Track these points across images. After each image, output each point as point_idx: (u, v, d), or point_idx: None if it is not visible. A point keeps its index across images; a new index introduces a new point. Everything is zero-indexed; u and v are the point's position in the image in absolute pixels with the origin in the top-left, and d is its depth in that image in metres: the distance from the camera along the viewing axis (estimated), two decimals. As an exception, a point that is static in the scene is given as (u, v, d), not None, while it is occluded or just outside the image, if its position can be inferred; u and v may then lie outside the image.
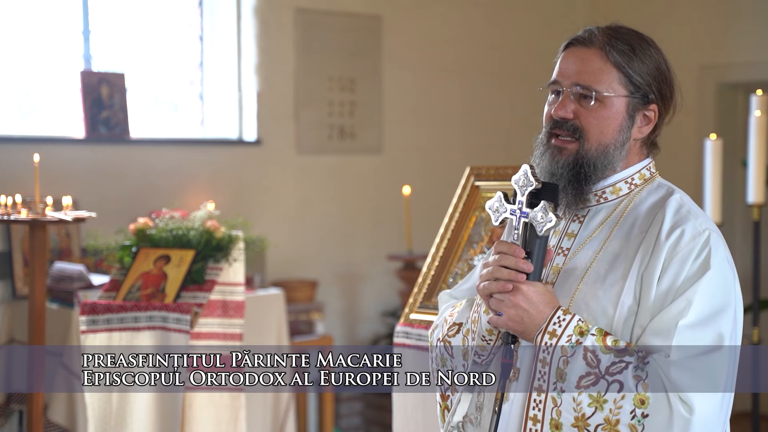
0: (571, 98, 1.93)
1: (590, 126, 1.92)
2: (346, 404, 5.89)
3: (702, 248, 1.85)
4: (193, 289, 3.66)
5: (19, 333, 4.42)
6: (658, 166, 2.11)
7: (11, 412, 4.44)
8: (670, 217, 1.90)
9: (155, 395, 3.55)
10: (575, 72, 1.93)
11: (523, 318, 1.86)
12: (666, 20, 6.77)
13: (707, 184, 4.46)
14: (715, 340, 1.80)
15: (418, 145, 6.29)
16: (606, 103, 1.92)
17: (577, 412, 1.80)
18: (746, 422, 6.19)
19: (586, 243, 1.95)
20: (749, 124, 4.33)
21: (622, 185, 1.98)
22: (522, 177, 1.89)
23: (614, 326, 1.85)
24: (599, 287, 1.88)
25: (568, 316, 1.85)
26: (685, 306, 1.81)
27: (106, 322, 3.54)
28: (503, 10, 6.63)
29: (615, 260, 1.90)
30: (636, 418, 1.77)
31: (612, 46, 1.93)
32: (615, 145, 1.94)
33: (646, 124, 1.99)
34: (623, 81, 1.93)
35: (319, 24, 5.82)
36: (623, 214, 1.95)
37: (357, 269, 6.09)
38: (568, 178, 1.92)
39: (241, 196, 5.57)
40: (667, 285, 1.83)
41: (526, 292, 1.86)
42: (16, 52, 4.99)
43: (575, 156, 1.92)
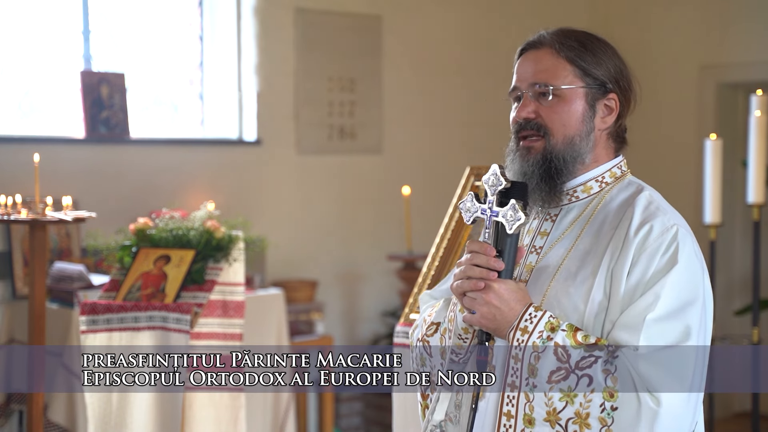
0: (531, 99, 1.99)
1: (553, 121, 1.97)
2: (346, 404, 5.89)
3: (670, 243, 1.88)
4: (193, 289, 3.66)
5: (19, 333, 4.42)
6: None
7: (11, 412, 4.44)
8: (639, 214, 1.93)
9: (155, 395, 3.55)
10: (531, 73, 2.00)
11: (496, 315, 1.90)
12: (666, 20, 6.77)
13: (707, 184, 4.46)
14: (683, 333, 1.84)
15: (418, 145, 6.30)
16: (564, 97, 1.97)
17: (548, 406, 1.84)
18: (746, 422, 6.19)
19: (558, 241, 1.99)
20: (749, 124, 4.34)
21: (593, 184, 2.01)
22: (492, 177, 1.94)
23: (585, 322, 1.89)
24: (570, 284, 1.92)
25: (539, 312, 1.89)
26: (653, 300, 1.84)
27: (106, 322, 3.54)
28: (503, 11, 6.63)
29: (586, 257, 1.93)
30: (606, 411, 1.80)
31: (562, 43, 1.98)
32: (580, 135, 1.98)
33: (609, 114, 2.02)
34: (578, 73, 1.98)
35: (319, 24, 5.82)
36: (594, 212, 1.99)
37: (357, 269, 6.09)
38: (540, 174, 1.96)
39: (241, 196, 5.57)
40: (635, 280, 1.87)
41: (497, 289, 1.89)
42: (16, 52, 4.99)
43: (543, 152, 1.97)
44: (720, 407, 6.34)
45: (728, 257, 6.55)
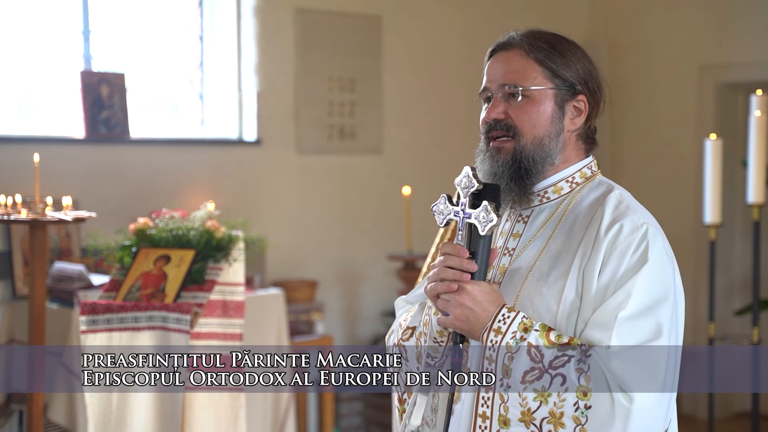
0: (500, 99, 2.00)
1: (522, 122, 1.98)
2: (346, 404, 5.89)
3: (640, 242, 1.90)
4: (193, 289, 3.66)
5: (19, 333, 4.42)
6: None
7: (11, 412, 4.44)
8: (609, 213, 1.94)
9: (155, 395, 3.55)
10: (501, 74, 2.01)
11: (469, 317, 1.91)
12: (666, 20, 6.77)
13: (707, 184, 4.46)
14: (654, 331, 1.85)
15: (418, 145, 6.30)
16: (533, 98, 1.98)
17: (523, 406, 1.85)
18: (746, 422, 6.19)
19: (530, 242, 2.00)
20: (749, 124, 4.33)
21: (563, 184, 2.03)
22: (464, 179, 1.95)
23: (558, 321, 1.90)
24: (543, 284, 1.93)
25: (512, 313, 1.90)
26: (624, 298, 1.85)
27: (106, 322, 3.54)
28: (503, 11, 6.63)
29: (557, 258, 1.95)
30: (579, 410, 1.82)
31: (531, 45, 2.00)
32: (549, 136, 1.99)
33: (578, 116, 2.03)
34: (547, 74, 1.99)
35: (319, 24, 5.82)
36: (565, 213, 2.01)
37: (357, 269, 6.09)
38: (510, 175, 1.98)
39: (241, 196, 5.57)
40: (607, 279, 1.88)
41: (471, 291, 1.91)
42: (16, 52, 4.99)
43: (513, 153, 1.98)
44: (720, 407, 6.34)
45: (728, 257, 6.55)
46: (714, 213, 4.43)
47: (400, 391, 2.12)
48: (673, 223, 6.72)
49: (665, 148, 6.67)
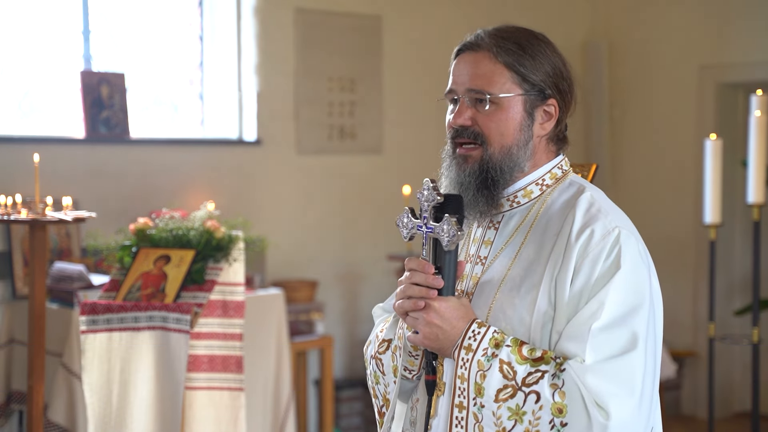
0: (467, 105, 1.91)
1: (490, 130, 1.90)
2: (346, 404, 5.89)
3: (612, 247, 1.82)
4: (193, 289, 3.66)
5: (19, 333, 4.42)
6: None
7: (11, 412, 4.44)
8: (580, 217, 1.86)
9: (155, 395, 3.55)
10: (468, 78, 1.91)
11: (438, 335, 1.84)
12: (666, 20, 6.77)
13: (707, 184, 4.46)
14: (630, 341, 1.77)
15: (418, 145, 6.29)
16: (502, 105, 1.90)
17: (498, 426, 1.78)
18: (746, 422, 6.19)
19: (501, 250, 1.93)
20: (749, 124, 4.33)
21: (533, 188, 1.95)
22: (425, 191, 1.89)
23: (532, 334, 1.83)
24: (515, 295, 1.86)
25: (483, 328, 1.83)
26: (597, 308, 1.78)
27: (106, 322, 3.54)
28: (503, 11, 6.63)
29: (530, 266, 1.87)
30: (555, 428, 1.74)
31: (500, 47, 1.90)
32: (518, 145, 1.91)
33: (548, 120, 1.94)
34: (516, 80, 1.90)
35: (319, 24, 5.82)
36: (536, 217, 1.93)
37: (357, 269, 6.09)
38: (476, 185, 1.90)
39: (241, 196, 5.57)
40: (579, 287, 1.81)
41: (438, 308, 1.83)
42: (16, 52, 4.99)
43: (480, 162, 1.90)
44: (720, 407, 6.34)
45: (728, 257, 6.55)
46: (714, 213, 4.43)
47: (378, 404, 2.07)
48: (673, 223, 6.72)
49: (665, 148, 6.67)
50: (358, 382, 5.90)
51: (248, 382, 4.21)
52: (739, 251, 6.64)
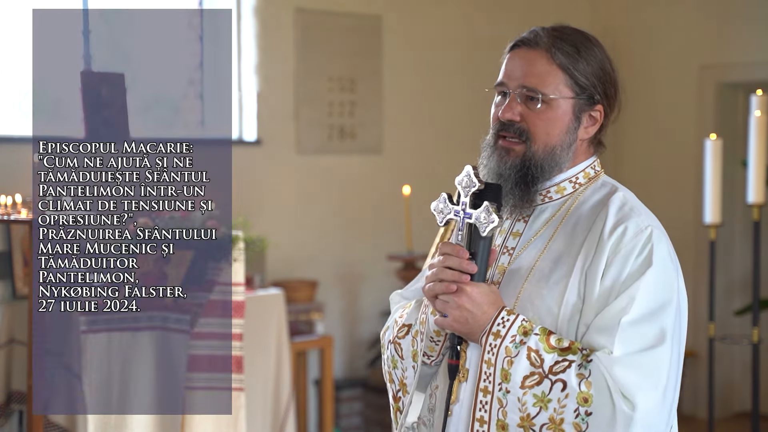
0: (517, 100, 1.95)
1: (537, 128, 1.93)
2: (346, 404, 5.89)
3: (644, 245, 1.87)
4: (193, 289, 3.66)
5: (19, 333, 4.42)
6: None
7: (11, 412, 4.44)
8: (612, 215, 1.91)
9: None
10: (521, 74, 1.95)
11: (468, 319, 1.87)
12: (666, 20, 6.77)
13: (707, 184, 4.46)
14: (658, 336, 1.82)
15: (418, 145, 6.29)
16: (552, 105, 1.93)
17: (522, 412, 1.81)
18: (746, 422, 6.19)
19: (530, 242, 1.96)
20: (749, 124, 4.33)
21: (566, 184, 1.99)
22: (465, 178, 1.91)
23: (559, 325, 1.86)
24: (544, 286, 1.89)
25: (512, 316, 1.86)
26: (627, 303, 1.82)
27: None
28: (503, 10, 6.63)
29: (559, 259, 1.91)
30: (580, 416, 1.78)
31: (557, 48, 1.93)
32: (562, 146, 1.95)
33: (592, 125, 1.99)
34: (569, 83, 1.94)
35: (319, 24, 5.82)
36: (567, 213, 1.96)
37: (357, 269, 6.09)
38: (515, 179, 1.93)
39: (241, 196, 5.56)
40: (610, 282, 1.85)
41: (470, 293, 1.87)
42: (16, 52, 4.99)
43: (522, 158, 1.93)
44: (720, 407, 6.34)
45: (728, 257, 6.55)
46: (714, 213, 4.43)
47: (394, 389, 2.09)
48: (673, 223, 6.71)
49: (665, 148, 6.67)
50: (358, 382, 5.90)
51: (248, 382, 4.20)
52: (739, 251, 6.64)
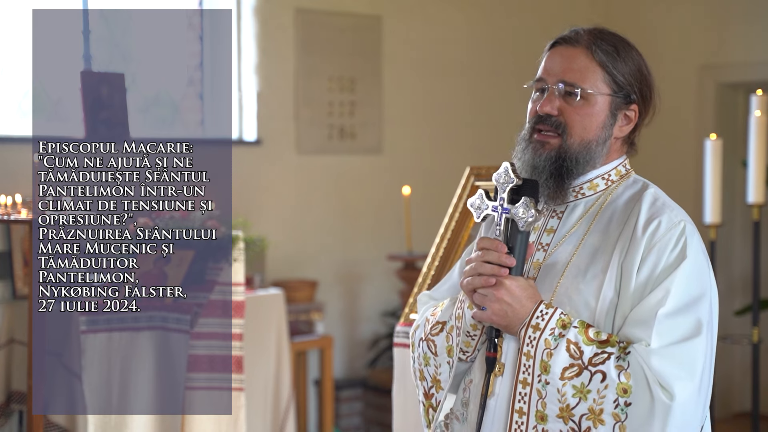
0: (556, 95, 1.98)
1: (574, 122, 1.97)
2: (346, 404, 5.89)
3: (678, 239, 1.91)
4: (193, 289, 3.66)
5: (19, 333, 4.42)
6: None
7: (11, 412, 4.44)
8: (646, 210, 1.96)
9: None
10: (561, 70, 1.99)
11: (507, 312, 1.91)
12: (666, 20, 6.77)
13: (707, 184, 4.46)
14: (694, 328, 1.85)
15: (418, 145, 6.30)
16: (590, 101, 1.97)
17: (561, 402, 1.85)
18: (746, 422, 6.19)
19: (565, 238, 2.00)
20: (749, 124, 4.34)
21: (599, 181, 2.03)
22: (503, 174, 1.95)
23: (596, 318, 1.90)
24: (581, 281, 1.93)
25: (550, 309, 1.90)
26: (663, 295, 1.85)
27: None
28: (503, 10, 6.63)
29: (595, 254, 1.94)
30: (619, 406, 1.81)
31: (597, 46, 1.99)
32: (597, 141, 1.99)
33: (627, 124, 2.04)
34: (607, 80, 1.99)
35: (319, 24, 5.82)
36: (601, 209, 2.01)
37: (357, 269, 6.09)
38: (550, 171, 1.97)
39: (241, 196, 5.57)
40: (645, 276, 1.88)
41: (509, 286, 1.91)
42: (16, 52, 4.99)
43: (558, 150, 1.97)
44: (720, 407, 6.34)
45: (728, 257, 6.55)
46: (714, 213, 4.43)
47: (426, 386, 2.12)
48: (673, 223, 6.72)
49: (665, 148, 6.67)
50: (358, 382, 5.90)
51: (248, 382, 4.21)
52: (739, 251, 6.64)
